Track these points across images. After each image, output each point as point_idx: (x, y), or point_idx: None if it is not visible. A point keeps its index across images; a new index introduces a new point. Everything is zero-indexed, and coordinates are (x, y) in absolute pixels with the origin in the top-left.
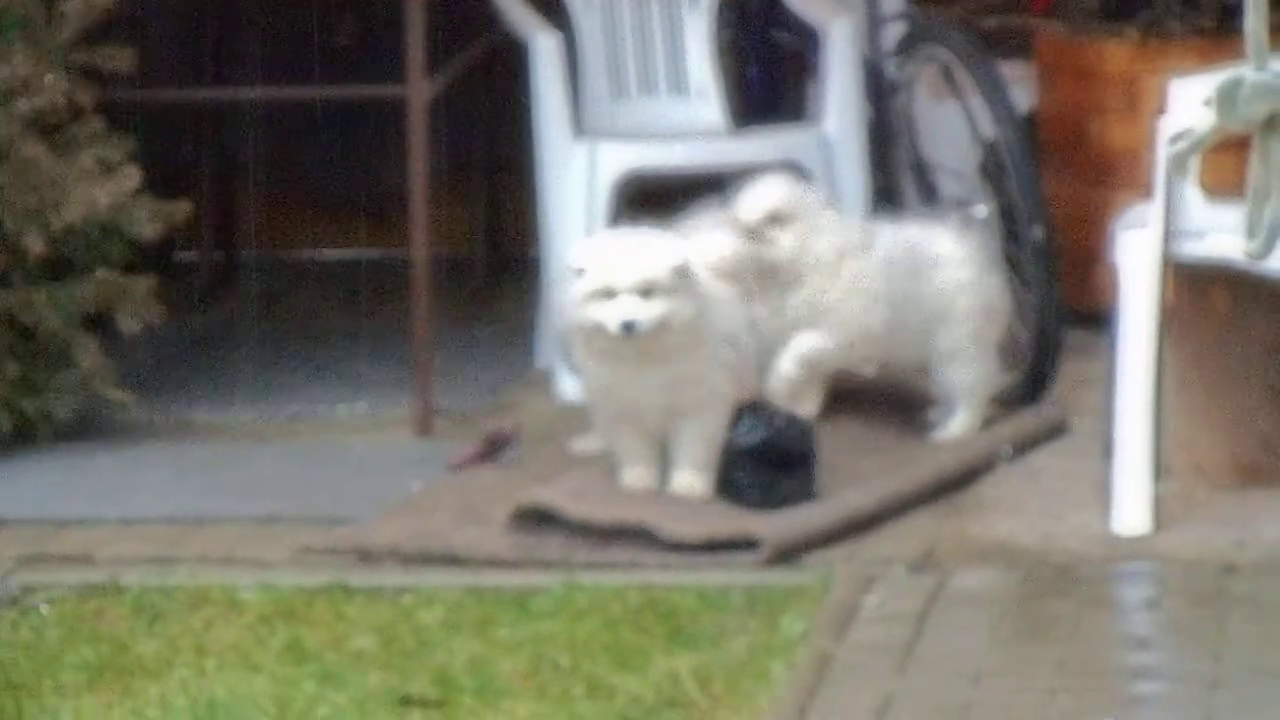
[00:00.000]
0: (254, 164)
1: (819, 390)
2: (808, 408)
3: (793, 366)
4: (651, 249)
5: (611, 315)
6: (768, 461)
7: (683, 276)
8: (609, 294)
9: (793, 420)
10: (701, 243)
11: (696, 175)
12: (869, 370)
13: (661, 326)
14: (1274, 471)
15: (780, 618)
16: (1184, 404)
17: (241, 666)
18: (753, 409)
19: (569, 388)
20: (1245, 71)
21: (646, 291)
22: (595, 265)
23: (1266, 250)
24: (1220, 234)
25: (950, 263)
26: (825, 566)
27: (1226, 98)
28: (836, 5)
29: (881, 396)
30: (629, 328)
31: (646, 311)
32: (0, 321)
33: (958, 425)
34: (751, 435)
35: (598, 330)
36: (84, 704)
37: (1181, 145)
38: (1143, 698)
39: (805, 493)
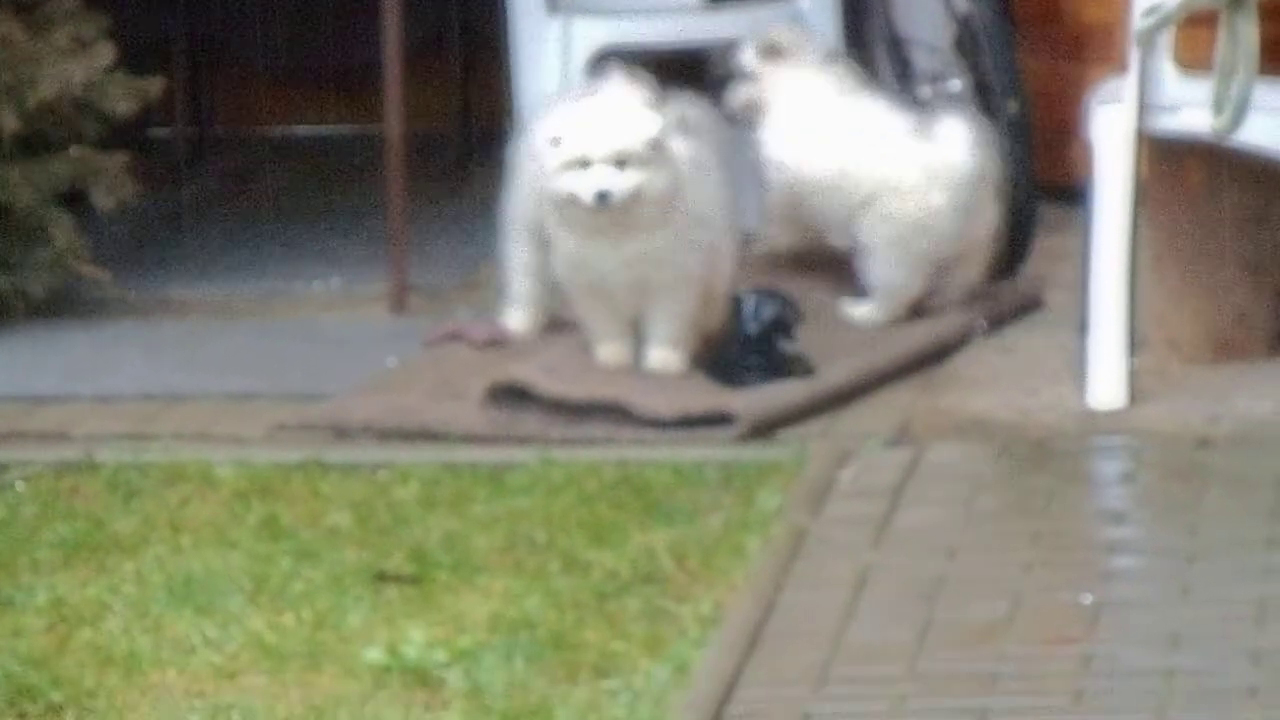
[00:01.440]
0: (228, 40)
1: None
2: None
3: None
4: (627, 120)
5: (586, 185)
6: (772, 342)
7: (657, 148)
8: (584, 164)
9: (786, 298)
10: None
11: (671, 50)
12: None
13: (635, 197)
14: (1248, 345)
15: (755, 493)
16: (1158, 279)
17: (217, 543)
18: (751, 292)
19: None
20: None
21: (621, 162)
22: (570, 135)
23: (1233, 126)
24: (1194, 108)
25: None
26: (800, 442)
27: None
28: None
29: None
30: (603, 198)
31: (621, 182)
32: None
33: (861, 313)
34: (760, 316)
35: (571, 200)
36: (60, 580)
37: (1150, 20)
38: (1119, 571)
39: (807, 369)
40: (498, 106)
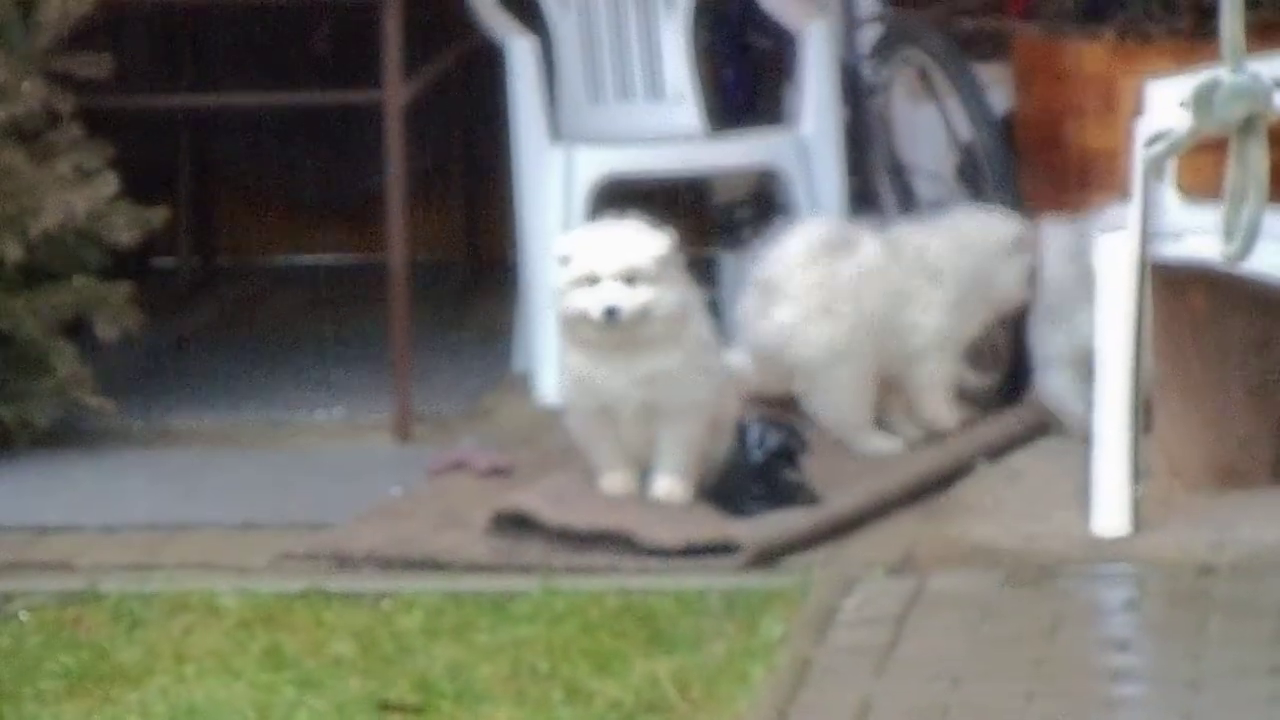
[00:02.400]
0: (232, 170)
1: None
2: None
3: None
4: (636, 238)
5: (595, 301)
6: (777, 471)
7: (666, 266)
8: (593, 281)
9: (790, 427)
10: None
11: (674, 179)
12: None
13: (644, 314)
14: (1252, 472)
15: (759, 621)
16: (1162, 405)
17: (221, 672)
18: (756, 421)
19: (548, 391)
20: (1221, 73)
21: (630, 279)
22: (579, 253)
23: (1244, 252)
24: (1198, 235)
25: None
26: (804, 569)
27: (1203, 100)
28: (812, 8)
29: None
30: (612, 313)
31: (630, 298)
32: None
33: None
34: (765, 445)
35: (581, 318)
36: (64, 711)
37: (1158, 147)
38: (1122, 700)
39: (811, 497)
40: (501, 235)
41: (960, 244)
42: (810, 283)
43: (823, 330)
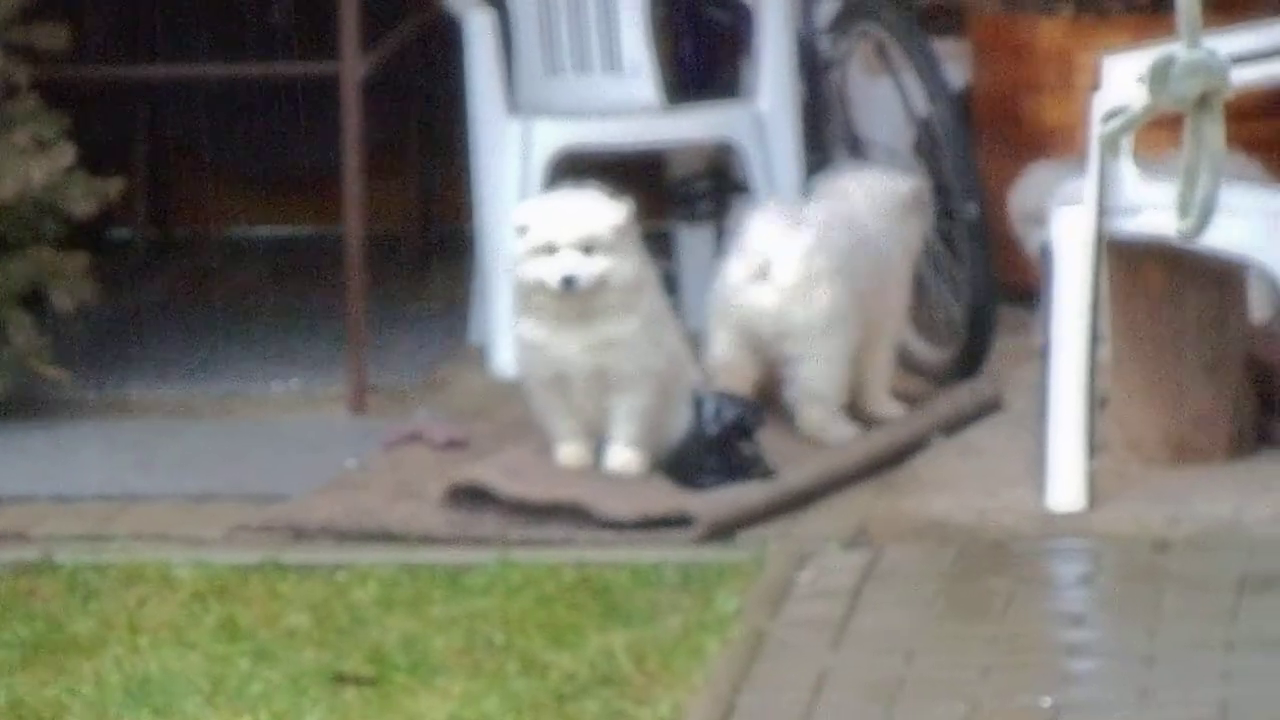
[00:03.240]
0: (188, 141)
1: (755, 369)
2: (745, 386)
3: None
4: (593, 207)
5: (552, 270)
6: (733, 444)
7: (624, 236)
8: (550, 250)
9: (746, 400)
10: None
11: (630, 153)
12: None
13: (601, 284)
14: (1207, 448)
15: (714, 594)
16: (1118, 380)
17: (175, 644)
18: (711, 394)
19: (504, 363)
20: (1177, 49)
21: (588, 248)
22: (537, 222)
23: (1199, 229)
24: (1154, 211)
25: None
26: (759, 543)
27: (1159, 76)
28: None
29: None
30: (569, 282)
31: (587, 267)
32: None
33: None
34: (721, 418)
35: (538, 286)
36: (18, 681)
37: (1114, 123)
38: (1077, 674)
39: (767, 471)
40: (458, 208)
41: (860, 207)
42: (802, 252)
43: (820, 295)
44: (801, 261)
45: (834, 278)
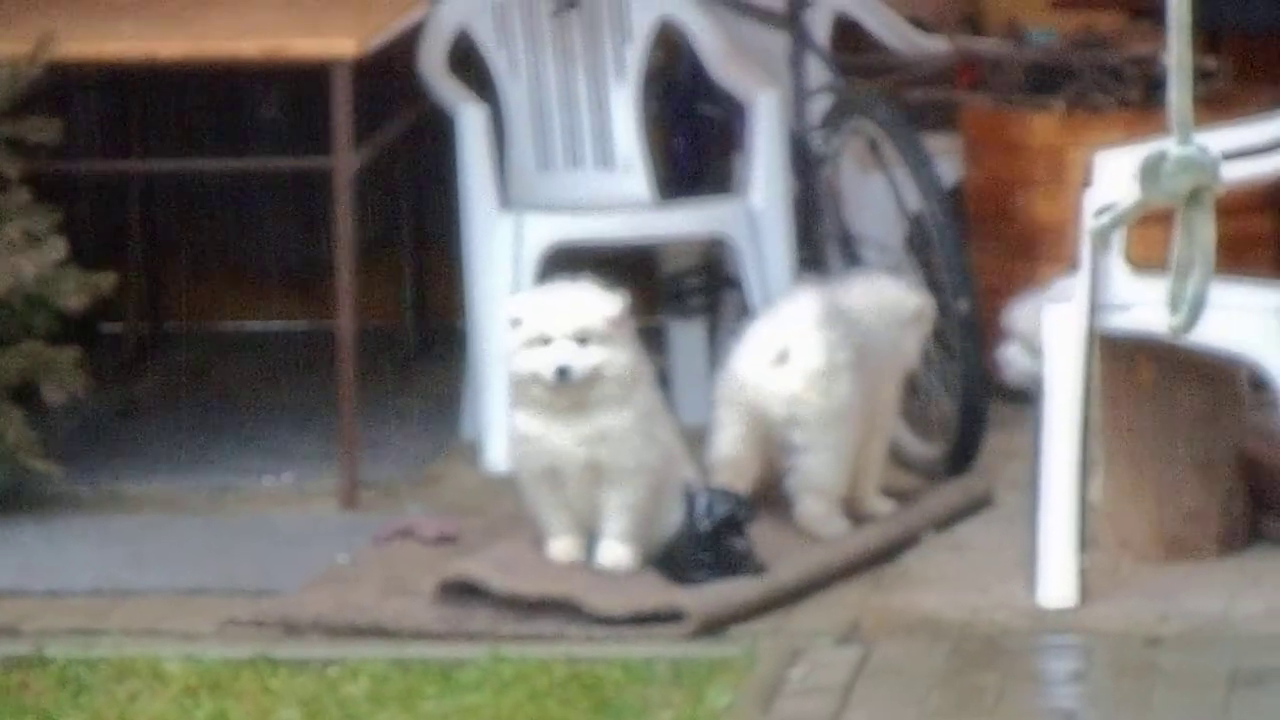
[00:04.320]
0: (180, 235)
1: (757, 464)
2: (745, 482)
3: None
4: (588, 299)
5: (547, 362)
6: (725, 540)
7: (618, 327)
8: (544, 341)
9: (738, 496)
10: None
11: (623, 248)
12: None
13: (595, 375)
14: (1198, 544)
15: (705, 690)
16: (1109, 476)
17: None
18: (703, 489)
19: (496, 459)
20: (1169, 145)
21: (582, 339)
22: (531, 314)
23: (1190, 325)
24: (1145, 307)
25: None
26: (750, 639)
27: (1150, 172)
28: (762, 77)
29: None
30: (564, 373)
31: (582, 358)
32: None
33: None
34: (713, 514)
35: (533, 378)
36: None
37: (1105, 219)
38: None
39: (758, 567)
40: (450, 303)
41: (871, 309)
42: (827, 341)
43: (839, 387)
44: (826, 351)
45: (851, 371)
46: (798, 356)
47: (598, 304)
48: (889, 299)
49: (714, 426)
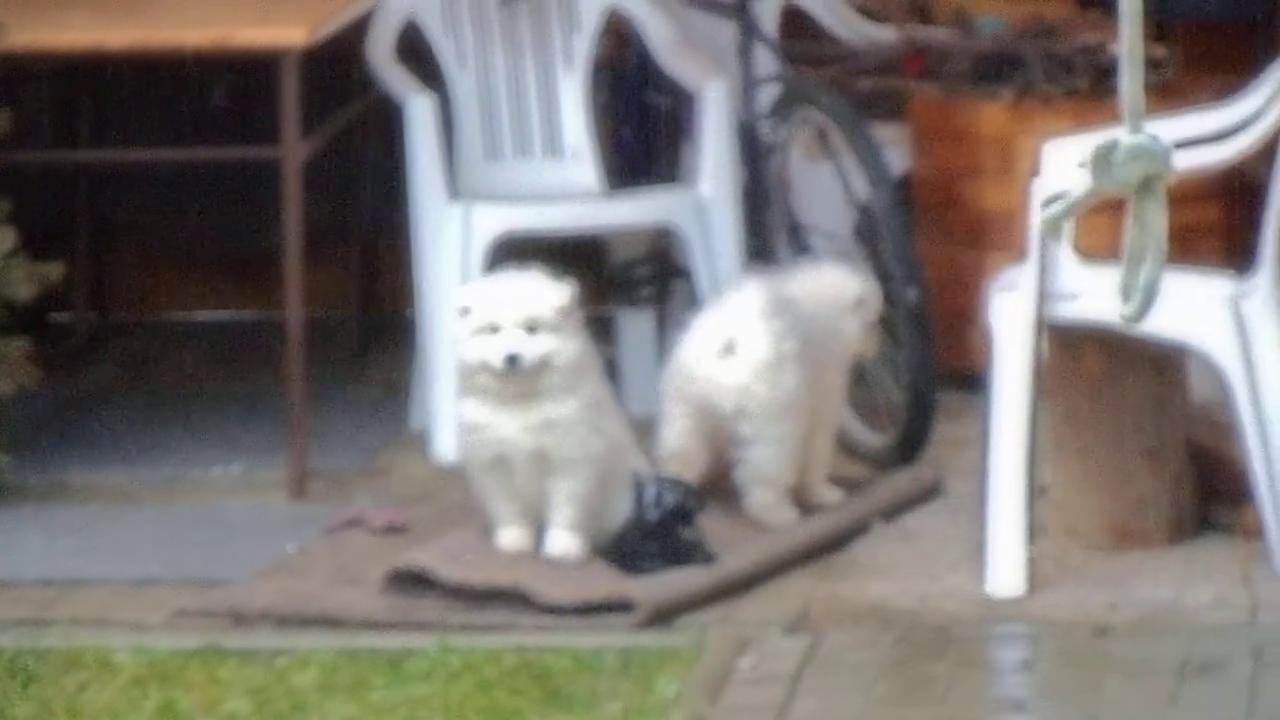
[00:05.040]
0: (129, 225)
1: (706, 454)
2: (693, 473)
3: None
4: (537, 288)
5: (496, 350)
6: (673, 530)
7: (567, 316)
8: (493, 330)
9: (687, 485)
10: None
11: (571, 238)
12: None
13: (544, 364)
14: (1147, 533)
15: (654, 680)
16: (1058, 465)
17: None
18: (652, 479)
19: (445, 448)
20: (1120, 134)
21: (531, 328)
22: (480, 303)
23: (1142, 314)
24: (1094, 296)
25: None
26: (699, 629)
27: (1101, 161)
28: (711, 67)
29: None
30: (513, 361)
31: (531, 347)
32: None
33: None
34: (662, 504)
35: (482, 366)
36: None
37: (1055, 208)
38: None
39: (707, 556)
40: (399, 292)
41: (820, 298)
42: (774, 332)
43: (786, 378)
44: (772, 342)
45: (797, 362)
46: (744, 348)
47: (547, 293)
48: (832, 286)
49: (662, 418)
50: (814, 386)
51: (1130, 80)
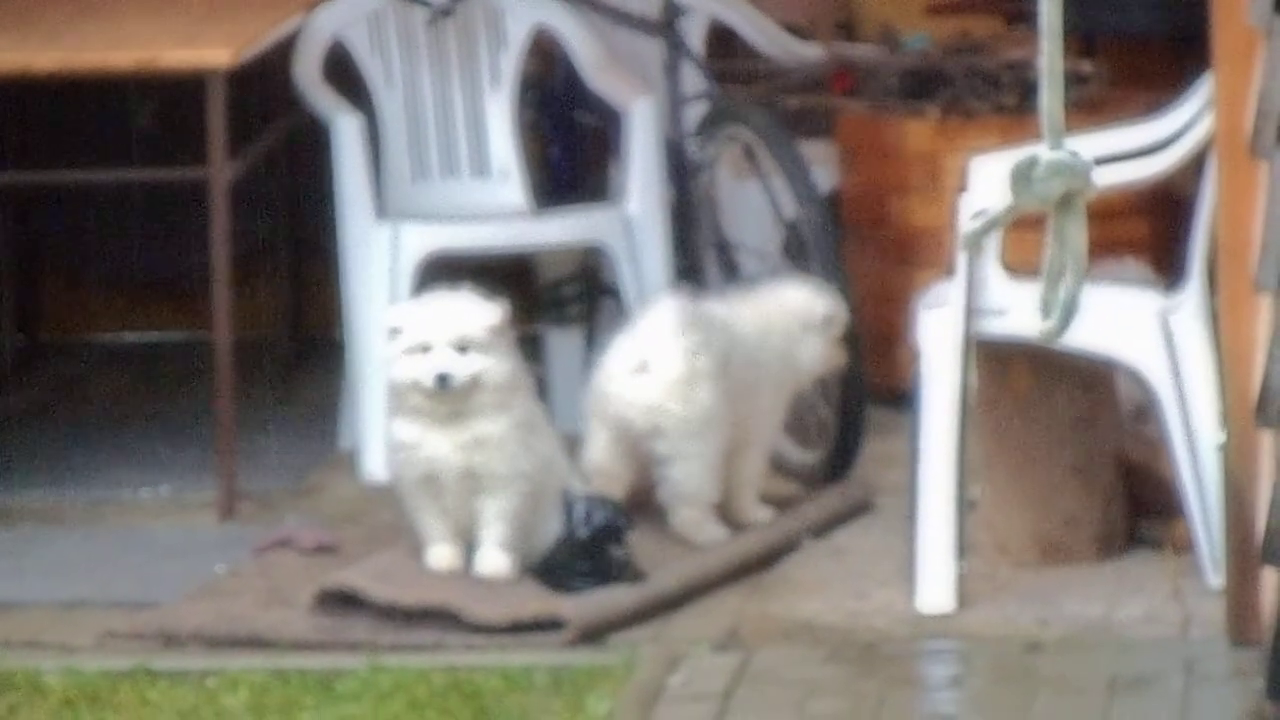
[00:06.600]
0: (56, 247)
1: (630, 472)
2: (619, 489)
3: None
4: (467, 307)
5: (426, 369)
6: (603, 548)
7: (498, 335)
8: (424, 349)
9: (616, 504)
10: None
11: (499, 256)
12: None
13: (475, 382)
14: (1077, 548)
15: (585, 698)
16: (987, 481)
17: None
18: (582, 497)
19: (374, 468)
20: (1040, 150)
21: (462, 347)
22: (411, 323)
23: (1062, 330)
24: (1021, 312)
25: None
26: (630, 646)
27: (1021, 177)
28: (638, 85)
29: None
30: (444, 380)
31: (462, 366)
32: None
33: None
34: (591, 522)
35: (412, 386)
36: None
37: (977, 224)
38: None
39: (637, 574)
40: (327, 312)
41: (768, 318)
42: (685, 349)
43: (700, 395)
44: (684, 360)
45: (714, 379)
46: (656, 366)
47: (478, 312)
48: (796, 305)
49: (585, 437)
50: (742, 405)
51: (1050, 96)
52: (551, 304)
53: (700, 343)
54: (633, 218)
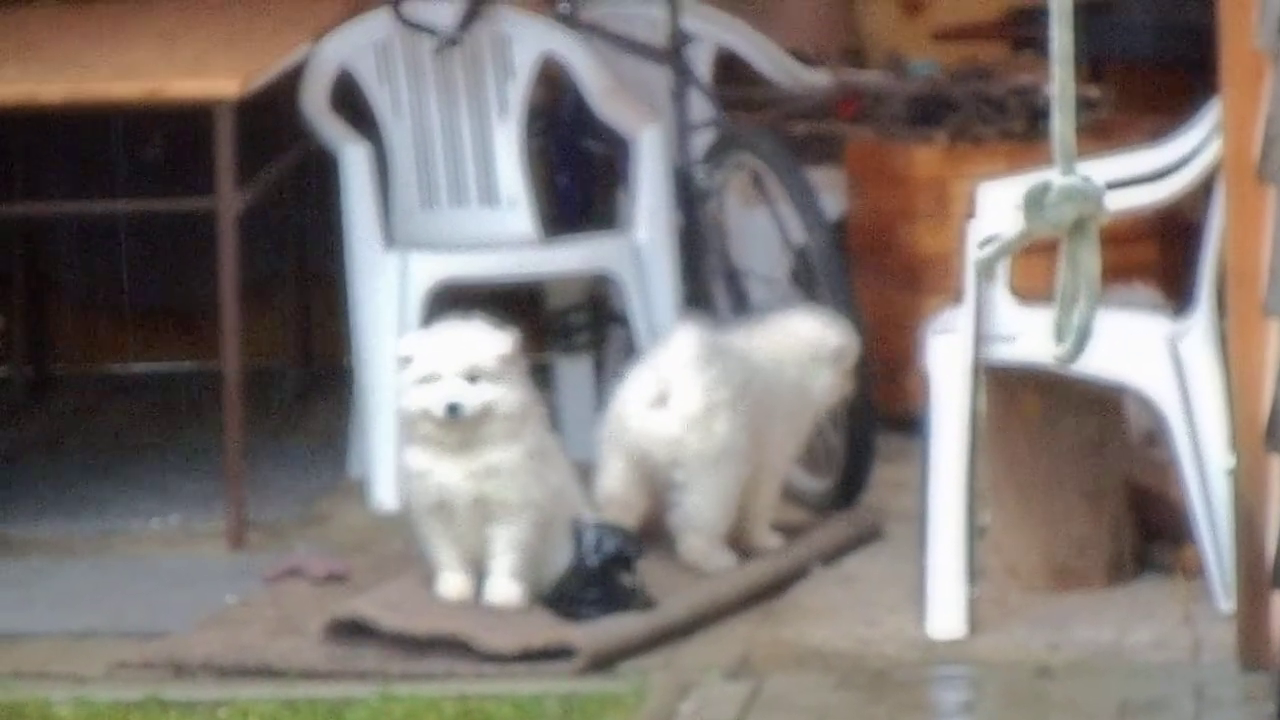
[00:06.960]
0: (66, 278)
1: (644, 500)
2: (632, 518)
3: None
4: (478, 336)
5: (437, 399)
6: (613, 576)
7: (509, 364)
8: (435, 379)
9: (626, 531)
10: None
11: (508, 285)
12: None
13: (486, 412)
14: (1087, 573)
15: None
16: (997, 507)
17: None
18: (591, 525)
19: (383, 497)
20: (1052, 176)
21: (473, 377)
22: (422, 352)
23: (1075, 354)
24: (1030, 337)
25: None
26: (641, 674)
27: (1034, 202)
28: (645, 113)
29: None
30: (454, 410)
31: (472, 395)
32: None
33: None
34: (601, 550)
35: (423, 415)
36: None
37: (989, 250)
38: None
39: (647, 602)
40: (336, 341)
41: (781, 349)
42: (705, 382)
43: (718, 427)
44: (703, 392)
45: (733, 411)
46: (676, 399)
47: (488, 341)
48: (808, 336)
49: (599, 465)
50: (758, 435)
51: (1062, 122)
52: (560, 332)
53: (719, 375)
54: (641, 246)
